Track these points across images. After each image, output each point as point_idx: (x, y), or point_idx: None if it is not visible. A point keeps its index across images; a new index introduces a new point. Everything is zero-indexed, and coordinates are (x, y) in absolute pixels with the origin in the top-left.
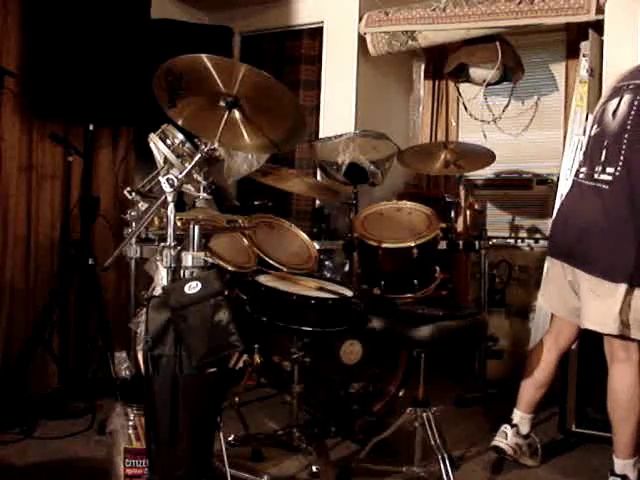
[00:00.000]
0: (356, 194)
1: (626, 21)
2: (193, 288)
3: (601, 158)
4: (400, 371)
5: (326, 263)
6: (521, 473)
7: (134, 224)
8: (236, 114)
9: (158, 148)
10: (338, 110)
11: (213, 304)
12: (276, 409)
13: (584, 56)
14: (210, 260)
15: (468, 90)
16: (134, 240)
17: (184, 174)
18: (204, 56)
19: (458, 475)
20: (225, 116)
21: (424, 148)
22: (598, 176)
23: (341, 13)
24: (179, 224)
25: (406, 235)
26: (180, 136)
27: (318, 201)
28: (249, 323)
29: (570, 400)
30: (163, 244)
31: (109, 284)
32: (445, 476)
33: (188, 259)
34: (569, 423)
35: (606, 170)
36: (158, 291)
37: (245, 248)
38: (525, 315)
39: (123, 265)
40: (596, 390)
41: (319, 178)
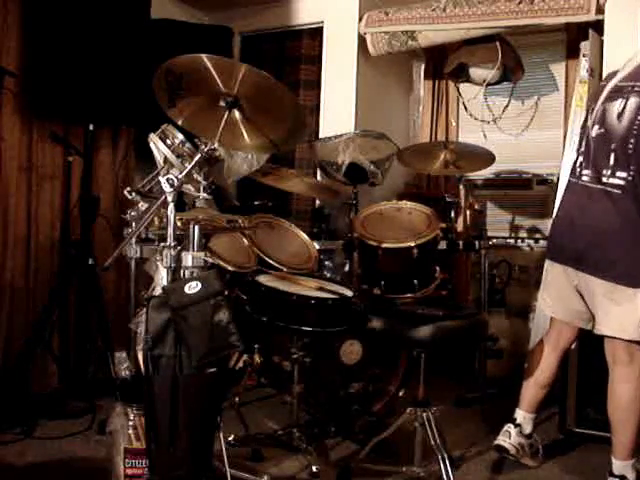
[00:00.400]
0: (356, 194)
1: (626, 21)
2: (193, 288)
3: (609, 161)
4: (400, 371)
5: (326, 263)
6: (521, 473)
7: (134, 224)
8: (236, 114)
9: (158, 148)
10: (338, 110)
11: (213, 304)
12: (276, 409)
13: (584, 56)
14: (210, 260)
15: (468, 90)
16: (134, 240)
17: (184, 174)
18: (204, 56)
19: (458, 475)
20: (225, 116)
21: (424, 148)
22: (607, 180)
23: (341, 13)
24: (179, 224)
25: (406, 235)
26: (180, 136)
27: (318, 201)
28: (249, 323)
29: (570, 400)
30: (163, 244)
31: (109, 284)
32: (445, 476)
33: (188, 259)
34: (569, 423)
35: (616, 174)
36: (158, 291)
37: (245, 248)
38: (525, 315)
39: (123, 265)
40: (596, 390)
41: (319, 178)
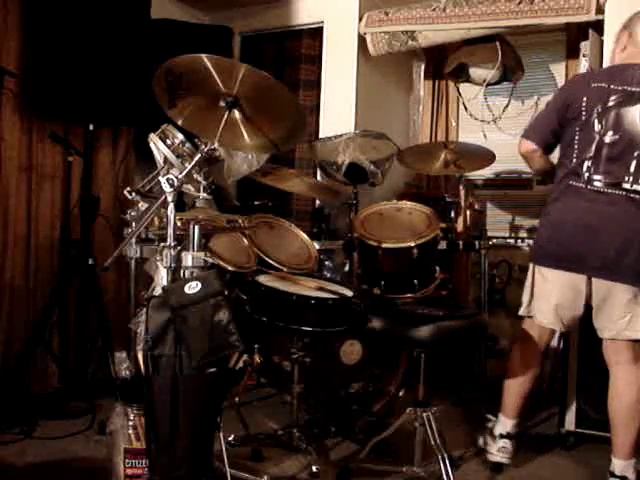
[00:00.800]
0: (356, 194)
1: None
2: (193, 288)
3: (631, 167)
4: (400, 371)
5: (326, 263)
6: (522, 473)
7: (134, 224)
8: (236, 114)
9: (158, 148)
10: (338, 110)
11: (213, 304)
12: (276, 409)
13: (584, 56)
14: (210, 260)
15: (468, 90)
16: (134, 240)
17: (184, 174)
18: (204, 56)
19: (458, 475)
20: (225, 116)
21: (424, 148)
22: (631, 186)
23: (341, 13)
24: (179, 224)
25: (406, 235)
26: (180, 136)
27: (318, 201)
28: (249, 323)
29: (570, 400)
30: (163, 244)
31: (109, 284)
32: (445, 476)
33: (188, 259)
34: (569, 423)
35: (620, 177)
36: (158, 291)
37: (245, 248)
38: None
39: (123, 265)
40: (596, 390)
41: (319, 178)
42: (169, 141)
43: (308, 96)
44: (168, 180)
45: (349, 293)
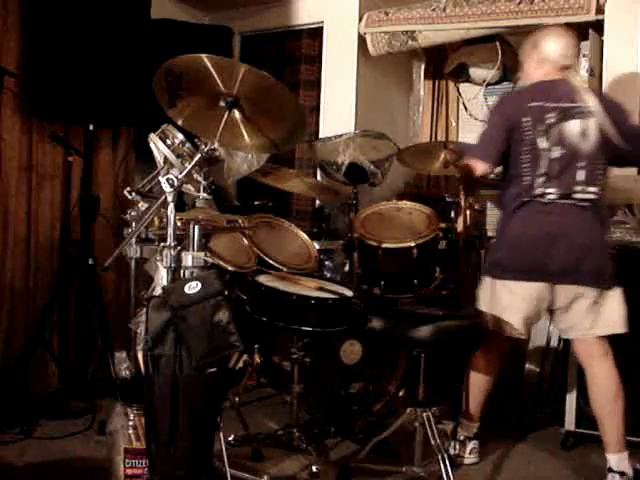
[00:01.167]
0: (356, 194)
1: (626, 21)
2: (193, 288)
3: (577, 178)
4: (400, 371)
5: (326, 263)
6: (522, 473)
7: (134, 224)
8: (236, 114)
9: (158, 148)
10: (338, 110)
11: (213, 304)
12: (276, 409)
13: (584, 56)
14: (210, 260)
15: (468, 90)
16: (134, 240)
17: (184, 174)
18: (204, 56)
19: (458, 475)
20: (225, 116)
21: (424, 148)
22: (581, 195)
23: (341, 13)
24: (179, 224)
25: (406, 235)
26: (180, 136)
27: (318, 201)
28: (249, 323)
29: (570, 400)
30: (163, 244)
31: (109, 284)
32: (445, 476)
33: (188, 259)
34: (569, 423)
35: (588, 189)
36: (158, 291)
37: (245, 248)
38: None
39: (123, 265)
40: None
41: (319, 178)
42: (169, 141)
43: (308, 96)
44: (168, 180)
45: (349, 293)
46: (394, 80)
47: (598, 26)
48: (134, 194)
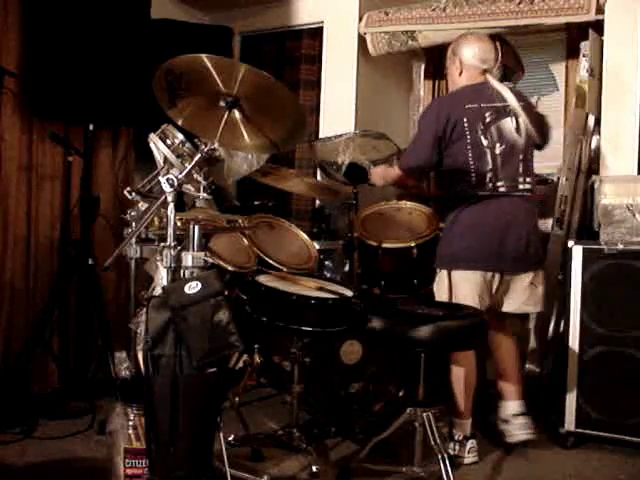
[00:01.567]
0: (356, 194)
1: (626, 21)
2: (193, 288)
3: (519, 170)
4: (400, 371)
5: (326, 263)
6: (522, 473)
7: (134, 224)
8: (236, 114)
9: (158, 148)
10: (338, 110)
11: (213, 304)
12: (276, 409)
13: (584, 56)
14: (210, 260)
15: None
16: (134, 240)
17: (184, 174)
18: (204, 56)
19: (458, 475)
20: (225, 116)
21: None
22: (522, 186)
23: (341, 13)
24: (179, 224)
25: (406, 235)
26: (180, 136)
27: (318, 201)
28: (249, 323)
29: (570, 400)
30: (163, 244)
31: (109, 284)
32: (445, 476)
33: (188, 259)
34: (569, 423)
35: (526, 180)
36: (158, 291)
37: (245, 248)
38: (525, 315)
39: (123, 265)
40: (596, 390)
41: (319, 178)
42: (169, 141)
43: (308, 96)
44: (168, 180)
45: (349, 293)
46: (394, 80)
47: (598, 26)
48: (134, 194)
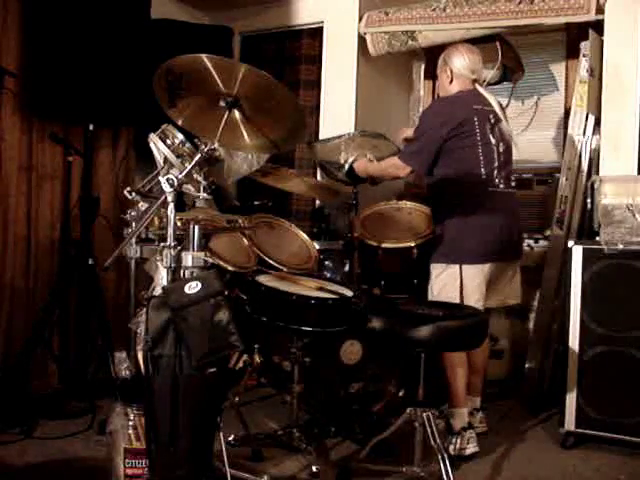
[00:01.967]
0: (356, 194)
1: (626, 21)
2: (193, 288)
3: (507, 170)
4: (400, 371)
5: (326, 263)
6: (522, 473)
7: (134, 224)
8: (236, 114)
9: (158, 148)
10: (338, 110)
11: (213, 304)
12: (276, 409)
13: (584, 56)
14: (210, 260)
15: None
16: (134, 240)
17: (184, 174)
18: (204, 56)
19: (458, 475)
20: (225, 116)
21: None
22: (512, 184)
23: (341, 13)
24: (179, 224)
25: (406, 235)
26: (180, 136)
27: (318, 201)
28: (249, 323)
29: (570, 400)
30: (163, 244)
31: (109, 284)
32: (445, 476)
33: (188, 259)
34: (569, 423)
35: (510, 178)
36: (158, 291)
37: (245, 248)
38: (525, 315)
39: (123, 265)
40: (596, 390)
41: (319, 178)
42: (169, 141)
43: (308, 96)
44: (168, 180)
45: (349, 293)
46: (394, 80)
47: (598, 26)
48: (134, 194)
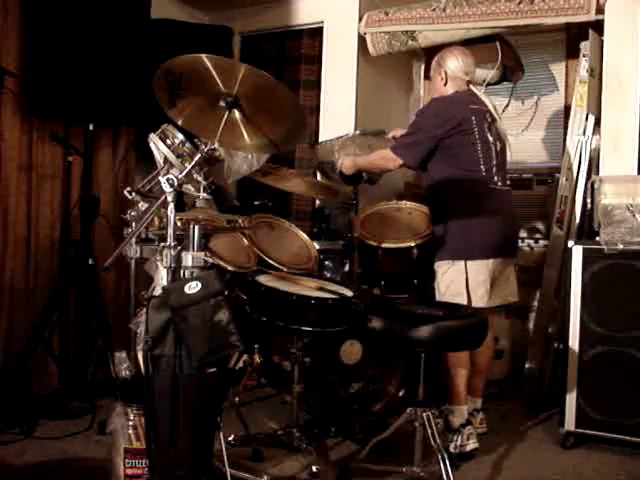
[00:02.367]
0: (356, 194)
1: (626, 21)
2: (193, 288)
3: (504, 169)
4: (400, 371)
5: (326, 263)
6: (522, 473)
7: (134, 224)
8: (236, 114)
9: (158, 148)
10: (338, 110)
11: (213, 304)
12: (276, 409)
13: (584, 56)
14: (210, 260)
15: None
16: (134, 240)
17: (184, 174)
18: (204, 56)
19: (458, 475)
20: (225, 116)
21: None
22: (508, 181)
23: (341, 13)
24: (179, 224)
25: (406, 235)
26: (180, 136)
27: (318, 201)
28: (249, 323)
29: (570, 400)
30: (163, 244)
31: (109, 284)
32: (445, 476)
33: (188, 259)
34: (569, 423)
35: (506, 177)
36: (158, 291)
37: (245, 248)
38: (525, 315)
39: (123, 265)
40: (596, 390)
41: (319, 178)
42: (169, 141)
43: (308, 96)
44: (168, 180)
45: (349, 293)
46: (394, 80)
47: (598, 26)
48: (134, 194)
